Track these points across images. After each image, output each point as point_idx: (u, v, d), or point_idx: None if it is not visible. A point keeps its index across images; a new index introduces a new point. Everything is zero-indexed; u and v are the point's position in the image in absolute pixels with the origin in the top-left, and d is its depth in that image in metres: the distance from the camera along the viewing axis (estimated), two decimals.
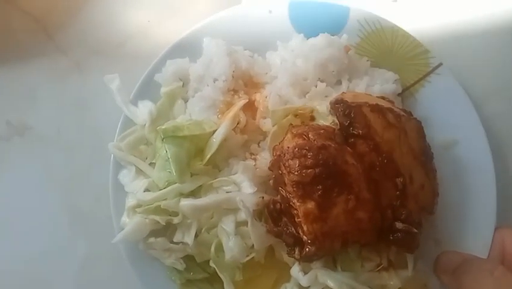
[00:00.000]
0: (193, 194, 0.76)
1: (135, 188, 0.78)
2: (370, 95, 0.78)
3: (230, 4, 0.90)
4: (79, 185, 0.93)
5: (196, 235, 0.74)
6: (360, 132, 0.68)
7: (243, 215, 0.72)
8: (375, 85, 0.82)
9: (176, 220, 0.74)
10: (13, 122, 0.97)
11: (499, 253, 0.75)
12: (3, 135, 0.96)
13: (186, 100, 0.85)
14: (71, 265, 0.90)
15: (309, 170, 0.65)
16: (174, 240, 0.76)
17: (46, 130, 0.96)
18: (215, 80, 0.81)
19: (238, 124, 0.78)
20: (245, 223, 0.72)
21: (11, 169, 0.95)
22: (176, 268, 0.78)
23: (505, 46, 0.94)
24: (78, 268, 0.90)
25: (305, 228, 0.65)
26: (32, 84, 0.99)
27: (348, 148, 0.69)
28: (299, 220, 0.66)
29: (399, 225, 0.68)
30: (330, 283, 0.69)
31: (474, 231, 0.78)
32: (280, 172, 0.69)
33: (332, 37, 0.83)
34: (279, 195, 0.71)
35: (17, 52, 1.00)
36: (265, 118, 0.81)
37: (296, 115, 0.77)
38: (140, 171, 0.80)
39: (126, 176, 0.80)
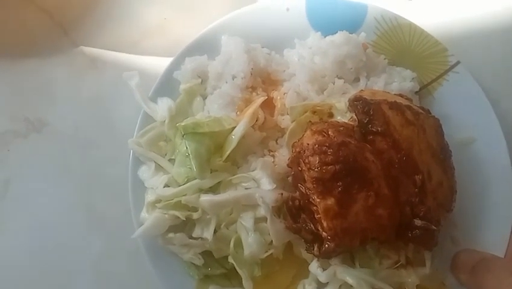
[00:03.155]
0: (212, 190, 0.77)
1: (155, 183, 0.78)
2: (388, 93, 0.78)
3: (247, 2, 0.90)
4: (97, 182, 0.93)
5: (215, 231, 0.75)
6: (379, 129, 0.69)
7: (262, 211, 0.72)
8: (393, 83, 0.83)
9: (195, 216, 0.74)
10: (31, 119, 0.97)
11: None
12: (21, 132, 0.96)
13: (205, 97, 0.86)
14: (88, 261, 0.90)
15: (329, 167, 0.65)
16: (194, 235, 0.76)
17: (64, 126, 0.96)
18: (233, 77, 0.82)
19: (256, 121, 0.78)
20: (264, 219, 0.73)
21: (29, 165, 0.95)
22: (194, 264, 0.78)
23: None
24: (95, 264, 0.90)
25: (324, 224, 0.65)
26: (49, 81, 0.99)
27: (367, 145, 0.69)
28: (318, 216, 0.66)
29: (417, 222, 0.68)
30: (349, 280, 0.70)
31: (492, 229, 0.78)
32: (299, 169, 0.69)
33: (350, 34, 0.83)
34: (297, 192, 0.72)
35: (33, 48, 1.00)
36: (283, 115, 0.81)
37: (314, 112, 0.77)
38: (159, 167, 0.80)
39: (145, 172, 0.81)
